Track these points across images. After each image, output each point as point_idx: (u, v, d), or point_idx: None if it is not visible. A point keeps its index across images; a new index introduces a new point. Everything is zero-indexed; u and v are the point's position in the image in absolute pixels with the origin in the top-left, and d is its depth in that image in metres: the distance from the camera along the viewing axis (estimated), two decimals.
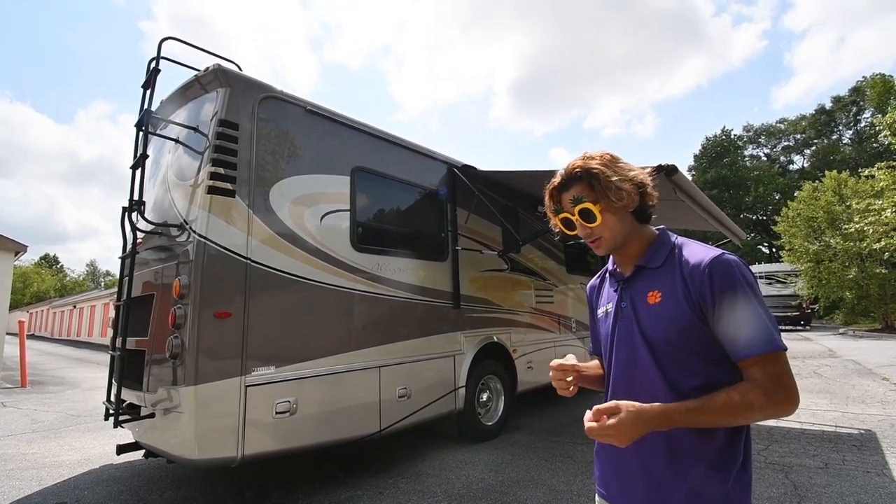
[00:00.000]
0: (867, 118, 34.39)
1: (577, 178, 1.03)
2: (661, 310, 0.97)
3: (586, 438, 4.49)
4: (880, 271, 16.69)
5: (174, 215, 3.03)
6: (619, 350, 1.05)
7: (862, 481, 3.19)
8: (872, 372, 7.94)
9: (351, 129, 3.73)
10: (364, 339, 3.46)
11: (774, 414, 0.87)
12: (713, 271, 0.91)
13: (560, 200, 1.07)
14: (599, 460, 1.12)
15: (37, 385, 9.06)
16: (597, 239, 1.04)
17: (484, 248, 4.79)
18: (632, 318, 1.02)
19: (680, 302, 0.94)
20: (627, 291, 1.05)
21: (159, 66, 3.09)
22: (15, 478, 3.64)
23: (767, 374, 0.86)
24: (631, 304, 1.03)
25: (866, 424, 4.66)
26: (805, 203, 20.35)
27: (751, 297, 0.89)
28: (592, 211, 1.00)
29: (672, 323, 0.95)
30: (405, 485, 3.33)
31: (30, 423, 5.71)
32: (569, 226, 1.08)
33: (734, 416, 0.86)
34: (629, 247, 1.06)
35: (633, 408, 0.85)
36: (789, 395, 0.86)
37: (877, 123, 16.71)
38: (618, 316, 1.06)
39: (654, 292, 0.99)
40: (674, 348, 0.95)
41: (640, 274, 1.05)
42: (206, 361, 2.62)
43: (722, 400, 0.86)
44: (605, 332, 1.11)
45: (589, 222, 1.02)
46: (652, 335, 0.98)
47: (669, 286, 0.97)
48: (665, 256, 1.02)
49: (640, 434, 0.85)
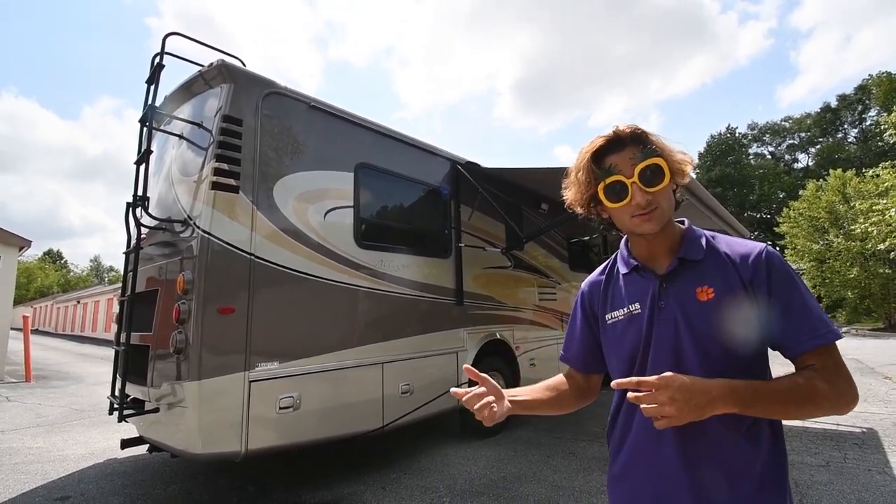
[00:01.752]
0: (873, 116, 34.18)
1: (633, 138, 0.89)
2: (715, 307, 0.85)
3: (588, 435, 4.50)
4: (884, 271, 16.62)
5: (178, 211, 3.03)
6: (661, 353, 0.88)
7: (863, 479, 3.18)
8: (875, 371, 7.93)
9: (354, 126, 3.73)
10: (367, 336, 3.47)
11: (838, 405, 0.78)
12: (770, 260, 0.84)
13: (604, 164, 0.90)
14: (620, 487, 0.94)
15: (41, 380, 9.12)
16: (653, 210, 0.87)
17: (487, 245, 4.79)
18: (678, 319, 0.87)
19: (737, 296, 0.84)
20: (669, 289, 0.90)
21: (163, 61, 3.09)
22: (20, 471, 3.67)
23: (828, 364, 0.79)
24: (677, 303, 0.88)
25: (868, 423, 4.65)
26: (808, 203, 20.27)
27: (804, 287, 0.84)
28: (663, 168, 0.86)
29: (729, 320, 0.83)
30: (408, 480, 3.34)
31: (34, 417, 5.75)
32: (615, 194, 0.89)
33: (802, 403, 0.76)
34: (664, 235, 0.92)
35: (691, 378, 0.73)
36: (851, 386, 0.79)
37: (882, 122, 16.62)
38: (653, 318, 0.90)
39: (705, 288, 0.86)
40: (727, 349, 0.84)
41: (683, 268, 0.90)
42: (210, 357, 2.63)
43: (786, 383, 0.77)
44: (633, 338, 0.93)
45: (654, 184, 0.86)
46: (705, 336, 0.85)
47: (721, 279, 0.86)
48: (704, 248, 0.90)
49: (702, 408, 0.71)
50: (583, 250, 6.82)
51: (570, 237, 6.40)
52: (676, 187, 0.92)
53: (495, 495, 3.05)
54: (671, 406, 0.71)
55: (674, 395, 0.71)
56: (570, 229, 6.38)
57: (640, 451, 0.91)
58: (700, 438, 0.83)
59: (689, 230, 0.95)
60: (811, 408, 0.77)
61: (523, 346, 5.04)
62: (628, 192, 0.87)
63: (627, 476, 0.93)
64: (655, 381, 0.72)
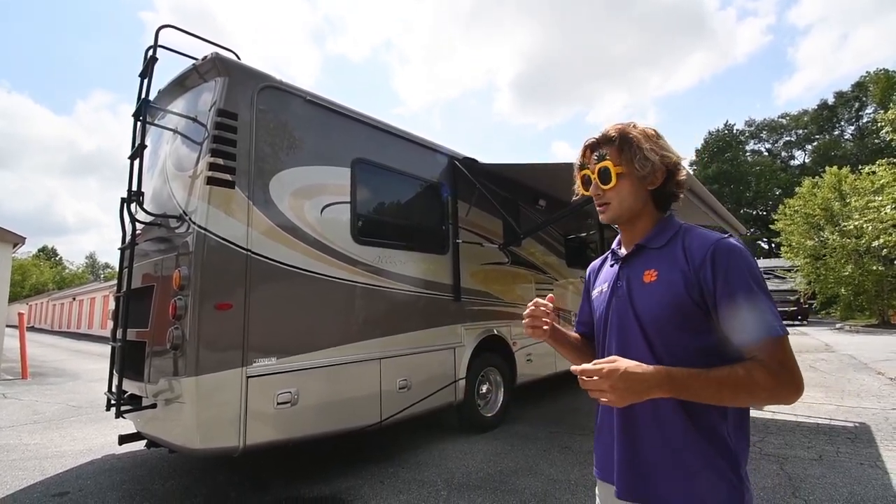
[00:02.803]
0: (869, 114, 34.30)
1: (610, 140, 1.02)
2: (654, 288, 0.96)
3: (584, 430, 4.53)
4: (877, 268, 16.72)
5: (173, 206, 3.02)
6: (612, 329, 1.04)
7: (856, 473, 3.22)
8: (868, 366, 8.00)
9: (351, 120, 3.71)
10: (365, 331, 3.47)
11: (777, 397, 0.83)
12: (717, 254, 0.90)
13: (588, 157, 1.07)
14: (598, 445, 1.11)
15: (38, 377, 9.09)
16: (605, 204, 1.04)
17: (485, 241, 4.79)
18: (626, 296, 1.01)
19: (675, 281, 0.93)
20: (625, 270, 1.05)
21: (157, 54, 3.06)
22: (18, 468, 3.67)
23: (773, 357, 0.83)
24: (626, 283, 1.02)
25: (861, 417, 4.70)
26: (804, 199, 20.36)
27: (752, 283, 0.87)
28: (610, 172, 1.00)
29: (662, 301, 0.94)
30: (405, 474, 3.36)
31: (31, 414, 5.73)
32: (586, 184, 1.07)
33: (737, 391, 0.83)
34: (636, 225, 1.06)
35: (633, 363, 0.83)
36: (794, 379, 0.83)
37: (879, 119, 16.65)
38: (613, 294, 1.05)
39: (651, 271, 0.98)
40: (663, 329, 0.94)
41: (639, 253, 1.04)
42: (208, 352, 2.62)
43: (725, 372, 0.83)
44: (600, 312, 1.09)
45: (603, 183, 1.02)
46: (643, 314, 0.97)
47: (667, 265, 0.96)
48: (668, 238, 1.00)
49: (639, 394, 0.82)
50: (580, 247, 6.83)
51: (568, 234, 6.42)
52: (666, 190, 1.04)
53: (492, 489, 3.07)
54: (612, 393, 0.82)
55: (614, 383, 0.81)
56: (568, 226, 6.40)
57: (604, 413, 1.09)
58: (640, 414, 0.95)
59: (663, 223, 1.04)
60: (746, 396, 0.84)
61: (520, 342, 5.06)
62: (591, 184, 1.06)
63: (601, 429, 1.09)
64: (597, 370, 0.82)
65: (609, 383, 0.81)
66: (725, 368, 0.84)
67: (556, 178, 5.32)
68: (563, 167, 5.34)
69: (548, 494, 2.96)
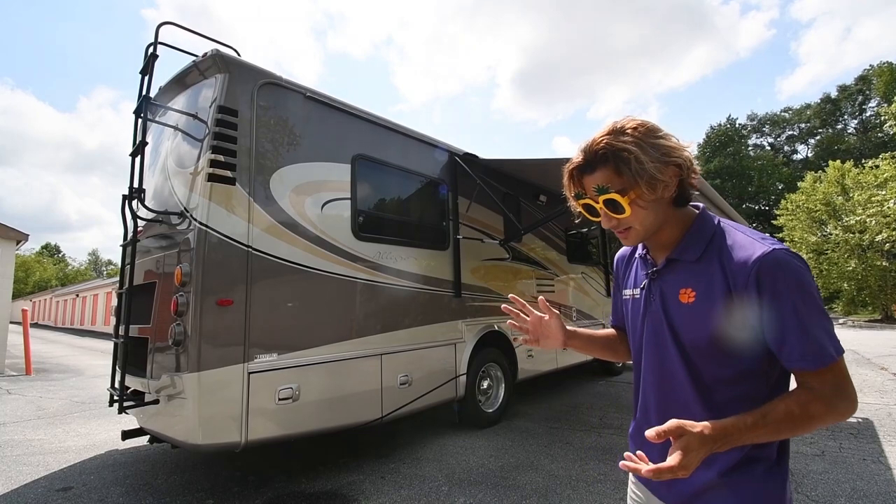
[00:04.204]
0: (873, 107, 34.03)
1: (602, 160, 0.85)
2: (693, 311, 0.86)
3: (585, 425, 4.54)
4: (881, 263, 16.65)
5: (174, 203, 3.02)
6: (648, 347, 0.95)
7: (858, 469, 3.22)
8: (871, 361, 7.99)
9: (351, 117, 3.70)
10: (366, 327, 3.47)
11: (834, 422, 0.80)
12: (762, 272, 0.78)
13: (582, 184, 0.90)
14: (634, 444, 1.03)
15: (41, 373, 9.15)
16: (625, 230, 0.90)
17: (485, 236, 4.78)
18: (661, 316, 0.92)
19: (716, 303, 0.83)
20: (657, 284, 0.94)
21: (157, 51, 3.05)
22: (22, 463, 3.69)
23: (827, 383, 0.77)
24: (661, 300, 0.92)
25: (864, 413, 4.69)
26: (806, 194, 20.26)
27: (805, 299, 0.77)
28: (619, 203, 0.85)
29: (703, 326, 0.84)
30: (406, 469, 3.37)
31: (35, 409, 5.77)
32: (593, 213, 0.92)
33: (795, 428, 0.77)
34: (662, 234, 0.92)
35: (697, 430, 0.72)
36: (850, 405, 0.78)
37: (883, 113, 16.54)
38: (646, 310, 0.96)
39: (687, 290, 0.88)
40: (704, 354, 0.86)
41: (671, 267, 0.92)
42: (209, 348, 2.63)
43: (782, 413, 0.76)
44: (633, 322, 1.02)
45: (616, 213, 0.88)
46: (681, 336, 0.88)
47: (705, 285, 0.85)
48: (703, 248, 0.88)
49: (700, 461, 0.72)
50: (581, 242, 6.82)
51: (569, 229, 6.40)
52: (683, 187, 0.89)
53: (493, 484, 3.08)
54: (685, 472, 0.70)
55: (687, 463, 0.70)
56: (569, 221, 6.38)
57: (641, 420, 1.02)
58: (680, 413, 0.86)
59: (696, 225, 0.91)
60: (803, 431, 0.79)
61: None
62: (599, 215, 0.91)
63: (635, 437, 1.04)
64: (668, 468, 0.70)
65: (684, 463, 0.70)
66: (780, 407, 0.77)
67: (556, 172, 5.30)
68: (564, 162, 5.31)
69: (549, 490, 2.97)
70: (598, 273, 7.03)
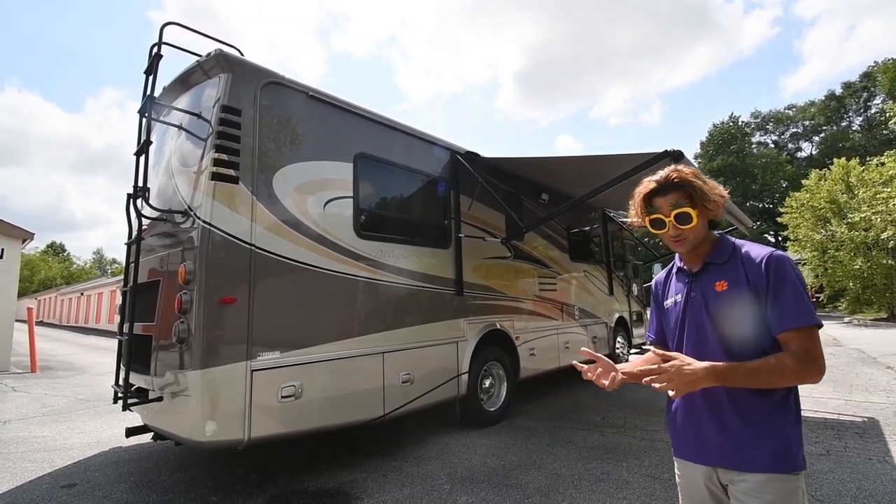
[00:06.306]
0: (878, 104, 33.76)
1: (677, 186, 1.21)
2: (727, 296, 1.19)
3: (588, 424, 4.53)
4: (886, 261, 16.52)
5: (178, 202, 3.03)
6: (689, 334, 1.26)
7: (864, 468, 3.20)
8: (877, 361, 7.94)
9: (354, 116, 3.70)
10: (368, 326, 3.48)
11: (803, 379, 1.07)
12: (770, 262, 1.14)
13: (652, 203, 1.25)
14: (673, 427, 1.31)
15: (46, 370, 9.21)
16: (683, 239, 1.24)
17: (487, 235, 4.78)
18: (700, 303, 1.24)
19: (742, 288, 1.17)
20: (697, 283, 1.27)
21: (161, 51, 3.06)
22: (27, 460, 3.72)
23: (801, 345, 1.07)
24: (701, 293, 1.25)
25: (869, 412, 4.67)
26: (811, 192, 20.11)
27: (796, 284, 1.11)
28: (691, 215, 1.19)
29: (733, 304, 1.17)
30: (409, 468, 3.38)
31: (40, 407, 5.81)
32: (658, 226, 1.25)
33: (771, 376, 1.08)
34: (700, 247, 1.27)
35: (686, 361, 1.10)
36: (817, 364, 1.06)
37: (888, 110, 16.41)
38: (688, 303, 1.28)
39: (722, 282, 1.21)
40: (735, 328, 1.16)
41: (707, 269, 1.26)
42: (213, 346, 2.65)
43: (760, 362, 1.09)
44: (675, 318, 1.32)
45: (684, 224, 1.21)
46: (718, 317, 1.20)
47: (733, 276, 1.19)
48: (728, 254, 1.23)
49: (692, 384, 1.08)
50: (583, 241, 6.80)
51: (571, 227, 6.38)
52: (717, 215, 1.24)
53: (495, 483, 3.08)
54: (670, 384, 1.11)
55: (671, 377, 1.11)
56: (571, 219, 6.36)
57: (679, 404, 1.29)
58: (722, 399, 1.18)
59: (720, 241, 1.28)
60: (778, 380, 1.10)
61: (523, 336, 5.06)
62: (666, 226, 1.24)
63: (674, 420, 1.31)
64: (658, 369, 1.13)
65: (667, 377, 1.10)
66: (760, 360, 1.09)
67: (558, 171, 5.30)
68: (566, 161, 5.31)
69: (551, 489, 2.97)
70: (600, 271, 7.01)
